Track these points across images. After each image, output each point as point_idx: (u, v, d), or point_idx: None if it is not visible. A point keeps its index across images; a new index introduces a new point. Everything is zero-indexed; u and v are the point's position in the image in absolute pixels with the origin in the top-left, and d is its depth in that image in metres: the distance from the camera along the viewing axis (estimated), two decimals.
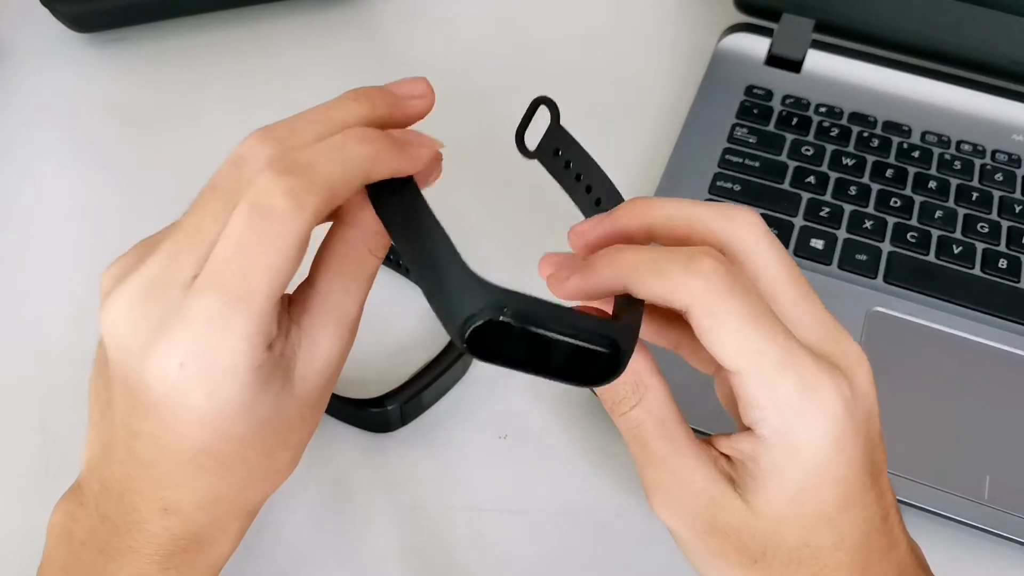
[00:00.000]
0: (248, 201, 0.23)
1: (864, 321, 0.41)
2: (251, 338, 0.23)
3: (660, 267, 0.24)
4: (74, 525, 0.27)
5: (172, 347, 0.23)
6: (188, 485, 0.25)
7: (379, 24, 0.58)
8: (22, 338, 0.42)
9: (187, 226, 0.25)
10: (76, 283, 0.44)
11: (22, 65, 0.54)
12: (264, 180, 0.23)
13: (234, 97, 0.53)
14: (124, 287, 0.24)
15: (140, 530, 0.26)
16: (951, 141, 0.49)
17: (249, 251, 0.23)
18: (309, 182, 0.23)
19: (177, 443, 0.24)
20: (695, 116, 0.50)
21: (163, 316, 0.23)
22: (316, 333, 0.26)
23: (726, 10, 0.56)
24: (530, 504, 0.37)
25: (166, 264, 0.24)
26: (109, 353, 0.25)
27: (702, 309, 0.23)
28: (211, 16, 0.57)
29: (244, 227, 0.23)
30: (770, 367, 0.23)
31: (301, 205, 0.23)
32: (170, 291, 0.24)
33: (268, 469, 0.27)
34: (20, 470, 0.38)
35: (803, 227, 0.45)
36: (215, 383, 0.23)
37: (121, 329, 0.24)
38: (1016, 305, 0.42)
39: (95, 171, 0.49)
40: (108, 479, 0.26)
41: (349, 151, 0.24)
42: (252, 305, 0.23)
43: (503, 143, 0.52)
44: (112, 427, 0.26)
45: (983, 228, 0.45)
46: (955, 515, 0.36)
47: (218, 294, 0.23)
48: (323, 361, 0.26)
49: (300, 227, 0.23)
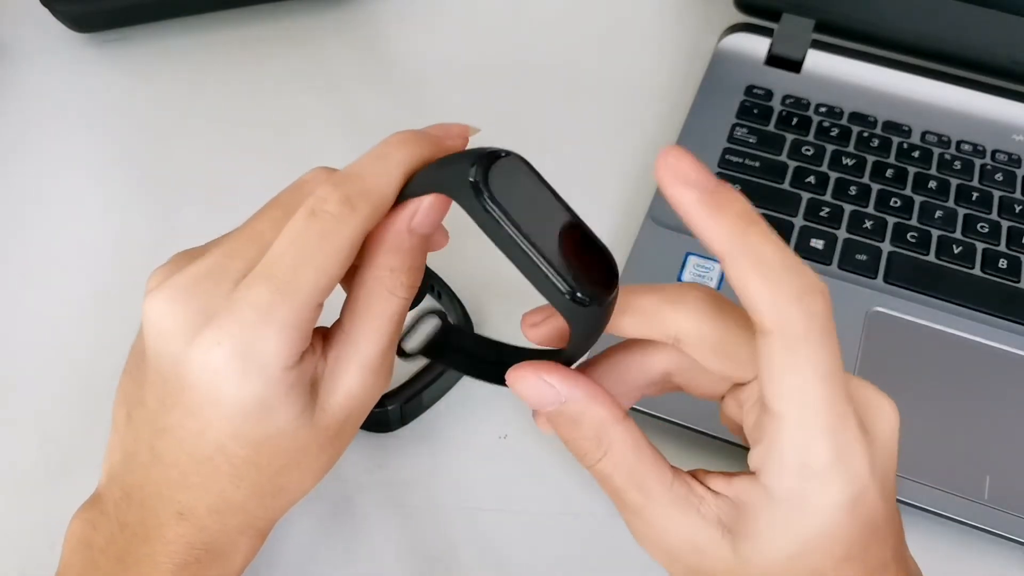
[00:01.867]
0: (308, 206, 0.25)
1: (864, 321, 0.41)
2: (289, 331, 0.24)
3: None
4: (93, 533, 0.27)
5: (216, 334, 0.24)
6: (203, 487, 0.26)
7: (378, 25, 0.58)
8: (21, 338, 0.42)
9: (245, 229, 0.27)
10: (75, 282, 0.44)
11: (22, 65, 0.54)
12: (322, 188, 0.25)
13: (233, 97, 0.53)
14: (175, 279, 0.25)
15: (157, 537, 0.26)
16: (951, 141, 0.49)
17: (303, 247, 0.24)
18: (361, 189, 0.25)
19: (198, 437, 0.25)
20: (695, 116, 0.50)
21: (211, 306, 0.25)
22: (338, 369, 0.27)
23: (726, 10, 0.56)
24: (530, 504, 0.37)
25: (220, 260, 0.26)
26: (150, 344, 0.26)
27: (785, 343, 0.22)
28: (211, 16, 0.57)
29: (301, 227, 0.25)
30: (815, 425, 0.22)
31: (354, 209, 0.25)
32: (221, 284, 0.25)
33: (278, 485, 0.27)
34: (20, 470, 0.38)
35: (803, 227, 0.45)
36: (247, 373, 0.24)
37: (167, 318, 0.25)
38: (1016, 305, 0.42)
39: (95, 171, 0.49)
40: (129, 485, 0.27)
41: (391, 156, 0.26)
42: (297, 297, 0.24)
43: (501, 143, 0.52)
44: (138, 429, 0.27)
45: (983, 228, 0.45)
46: (955, 515, 0.35)
47: (268, 284, 0.24)
48: (343, 396, 0.27)
49: (353, 229, 0.25)
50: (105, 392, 0.40)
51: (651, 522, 0.25)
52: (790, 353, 0.22)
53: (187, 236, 0.46)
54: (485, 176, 0.23)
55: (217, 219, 0.47)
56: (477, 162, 0.23)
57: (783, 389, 0.22)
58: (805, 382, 0.22)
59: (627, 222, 0.47)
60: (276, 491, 0.27)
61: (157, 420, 0.26)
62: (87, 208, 0.47)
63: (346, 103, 0.53)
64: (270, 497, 0.27)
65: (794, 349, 0.22)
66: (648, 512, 0.25)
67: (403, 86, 0.54)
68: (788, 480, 0.23)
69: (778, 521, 0.23)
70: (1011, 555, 0.36)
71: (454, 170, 0.23)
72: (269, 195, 0.29)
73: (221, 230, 0.46)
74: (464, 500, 0.37)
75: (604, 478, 0.25)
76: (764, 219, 0.23)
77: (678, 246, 0.44)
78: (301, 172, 0.51)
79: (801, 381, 0.22)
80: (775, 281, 0.22)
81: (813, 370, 0.22)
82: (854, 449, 0.23)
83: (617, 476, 0.25)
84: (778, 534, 0.23)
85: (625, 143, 0.51)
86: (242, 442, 0.25)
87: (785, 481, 0.23)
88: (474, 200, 0.22)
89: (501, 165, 0.23)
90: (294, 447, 0.26)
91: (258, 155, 0.50)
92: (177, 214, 0.47)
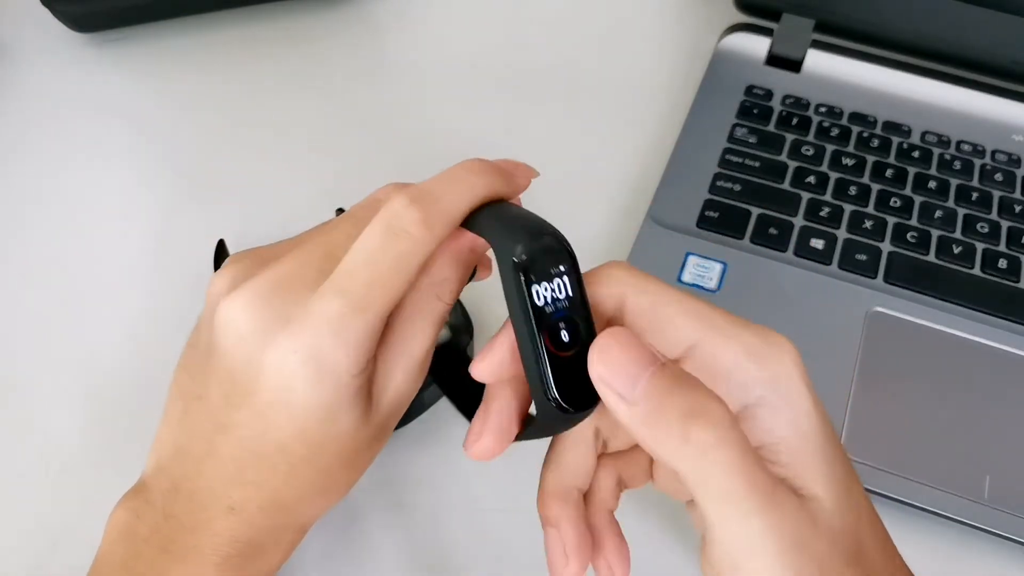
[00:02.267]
0: (384, 221, 0.25)
1: (864, 321, 0.41)
2: (360, 345, 0.25)
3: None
4: (138, 522, 0.28)
5: (292, 341, 0.25)
6: (256, 485, 0.27)
7: (377, 25, 0.58)
8: (21, 337, 0.42)
9: (318, 239, 0.28)
10: (73, 282, 0.44)
11: (22, 65, 0.54)
12: (400, 206, 0.25)
13: (233, 96, 0.53)
14: (253, 284, 0.26)
15: (204, 529, 0.27)
16: (951, 141, 0.49)
17: (378, 266, 0.25)
18: (439, 212, 0.26)
19: (262, 435, 0.26)
20: (695, 116, 0.51)
21: (288, 312, 0.26)
22: (389, 368, 0.27)
23: (726, 10, 0.56)
24: (530, 504, 0.37)
25: (295, 268, 0.27)
26: (223, 343, 0.27)
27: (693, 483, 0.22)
28: (211, 16, 0.57)
29: (378, 245, 0.25)
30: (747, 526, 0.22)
31: (431, 232, 0.25)
32: (298, 292, 0.26)
33: (327, 485, 0.28)
34: (20, 470, 0.38)
35: (803, 227, 0.45)
36: (319, 380, 0.25)
37: (245, 321, 0.26)
38: (1016, 305, 0.42)
39: (95, 170, 0.49)
40: (179, 477, 0.28)
41: (468, 182, 0.27)
42: (368, 315, 0.25)
43: (502, 143, 0.52)
44: (195, 423, 0.28)
45: (983, 228, 0.45)
46: (955, 515, 0.35)
47: (342, 299, 0.25)
48: (394, 393, 0.28)
49: (427, 252, 0.26)
50: (105, 391, 0.40)
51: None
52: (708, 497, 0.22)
53: (187, 235, 0.46)
54: (527, 263, 0.23)
55: (217, 218, 0.47)
56: (527, 244, 0.24)
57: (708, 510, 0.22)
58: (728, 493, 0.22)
59: (627, 222, 0.47)
60: (324, 490, 0.28)
61: (219, 416, 0.27)
62: (87, 208, 0.47)
63: (346, 103, 0.53)
64: (318, 496, 0.28)
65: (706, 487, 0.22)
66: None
67: (403, 86, 0.54)
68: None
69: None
70: (1011, 555, 0.36)
71: (507, 241, 0.24)
72: (269, 194, 0.29)
73: (221, 229, 0.47)
74: (464, 500, 0.37)
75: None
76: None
77: (678, 246, 0.44)
78: (301, 172, 0.51)
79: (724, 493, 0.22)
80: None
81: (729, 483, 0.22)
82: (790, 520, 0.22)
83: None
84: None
85: (625, 143, 0.51)
86: (304, 444, 0.26)
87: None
88: (511, 279, 0.24)
89: (549, 249, 0.24)
90: (351, 447, 0.27)
91: (258, 154, 0.50)
92: (177, 213, 0.47)
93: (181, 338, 0.42)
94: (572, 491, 0.27)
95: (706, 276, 0.43)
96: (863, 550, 0.23)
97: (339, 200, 0.45)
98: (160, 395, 0.40)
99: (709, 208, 0.45)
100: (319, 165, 0.49)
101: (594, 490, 0.28)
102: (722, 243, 0.44)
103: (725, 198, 0.46)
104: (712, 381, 0.24)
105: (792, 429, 0.23)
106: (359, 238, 0.26)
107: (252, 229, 0.46)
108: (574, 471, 0.27)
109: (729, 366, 0.24)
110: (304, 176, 0.49)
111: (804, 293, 0.42)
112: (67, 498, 0.37)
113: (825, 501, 0.23)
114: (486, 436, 0.26)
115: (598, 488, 0.28)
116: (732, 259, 0.43)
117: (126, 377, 0.40)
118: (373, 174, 0.49)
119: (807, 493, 0.23)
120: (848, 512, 0.23)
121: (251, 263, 0.28)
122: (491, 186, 0.27)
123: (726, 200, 0.46)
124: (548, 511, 0.27)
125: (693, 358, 0.24)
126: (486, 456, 0.26)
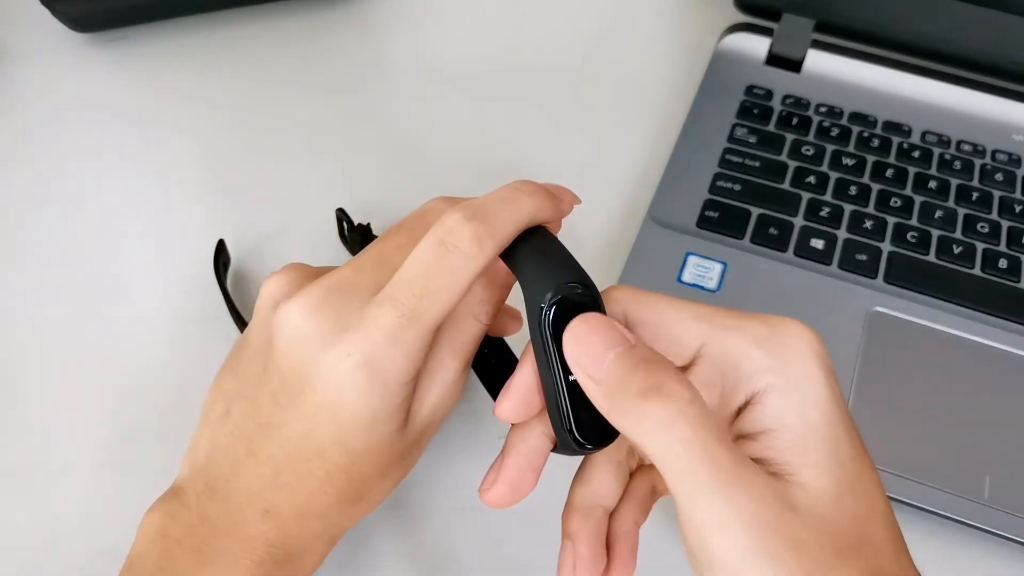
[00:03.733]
0: (438, 235, 0.26)
1: (864, 321, 0.41)
2: (411, 355, 0.26)
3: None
4: (172, 524, 0.28)
5: (347, 346, 0.26)
6: (292, 488, 0.27)
7: (377, 25, 0.58)
8: (21, 337, 0.42)
9: (372, 250, 0.29)
10: (72, 282, 0.44)
11: (22, 65, 0.54)
12: (454, 221, 0.26)
13: (233, 97, 0.53)
14: (309, 288, 0.27)
15: (239, 533, 0.27)
16: (951, 141, 0.49)
17: (431, 279, 0.26)
18: (491, 229, 0.26)
19: (304, 437, 0.27)
20: (695, 116, 0.51)
21: (344, 318, 0.26)
22: (425, 385, 0.28)
23: (726, 10, 0.56)
24: (530, 503, 0.37)
25: (352, 275, 0.28)
26: (280, 345, 0.27)
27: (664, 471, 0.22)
28: (211, 16, 0.57)
29: (431, 258, 0.26)
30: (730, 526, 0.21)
31: (483, 249, 0.26)
32: (354, 298, 0.27)
33: (359, 494, 0.28)
34: (20, 470, 0.38)
35: (803, 227, 0.45)
36: (369, 387, 0.26)
37: (304, 324, 0.27)
38: (1016, 305, 0.42)
39: (94, 170, 0.49)
40: (215, 478, 0.28)
41: (520, 203, 0.27)
42: (420, 326, 0.26)
43: (502, 143, 0.52)
44: (236, 424, 0.28)
45: (983, 228, 0.45)
46: (955, 515, 0.35)
47: (395, 309, 0.26)
48: (429, 409, 0.28)
49: (479, 268, 0.26)
50: (105, 390, 0.40)
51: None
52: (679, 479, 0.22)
53: (187, 235, 0.46)
54: (552, 309, 0.24)
55: (217, 218, 0.47)
56: (556, 290, 0.25)
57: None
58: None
59: (627, 222, 0.47)
60: (357, 499, 0.28)
61: (263, 415, 0.27)
62: (86, 208, 0.47)
63: (346, 103, 0.53)
64: (351, 505, 0.28)
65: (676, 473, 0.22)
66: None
67: (403, 86, 0.54)
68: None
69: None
70: (1011, 555, 0.36)
71: (538, 283, 0.25)
72: (269, 194, 0.29)
73: (221, 229, 0.47)
74: (464, 500, 0.37)
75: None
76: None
77: (678, 246, 0.44)
78: (301, 172, 0.51)
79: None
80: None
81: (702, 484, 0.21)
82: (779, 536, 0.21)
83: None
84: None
85: (625, 143, 0.51)
86: (343, 450, 0.27)
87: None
88: (535, 325, 0.25)
89: (577, 298, 0.25)
90: (386, 459, 0.28)
91: (258, 154, 0.50)
92: (177, 213, 0.47)
93: (180, 337, 0.42)
94: (596, 508, 0.28)
95: (706, 276, 0.43)
96: (866, 542, 0.22)
97: (339, 200, 0.45)
98: (159, 394, 0.40)
99: (709, 208, 0.45)
100: (319, 165, 0.49)
101: (627, 498, 0.28)
102: (722, 243, 0.44)
103: (725, 198, 0.46)
104: (723, 375, 0.24)
105: (796, 415, 0.23)
106: (415, 250, 0.26)
107: (252, 229, 0.46)
108: (602, 490, 0.28)
109: (738, 357, 0.24)
110: (304, 176, 0.49)
111: (804, 293, 0.42)
112: (67, 498, 0.37)
113: (812, 487, 0.22)
114: (499, 486, 0.26)
115: (631, 495, 0.28)
116: (732, 259, 0.43)
117: (125, 376, 0.40)
118: (373, 174, 0.49)
119: (793, 479, 0.23)
120: (848, 502, 0.22)
121: (306, 271, 0.29)
122: (540, 209, 0.27)
123: (726, 200, 0.46)
124: (569, 525, 0.27)
125: (704, 358, 0.25)
126: (502, 505, 0.26)
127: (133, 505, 0.31)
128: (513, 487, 0.26)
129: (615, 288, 0.26)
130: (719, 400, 0.25)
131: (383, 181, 0.49)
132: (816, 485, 0.22)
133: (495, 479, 0.26)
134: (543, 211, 0.28)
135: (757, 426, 0.24)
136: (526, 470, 0.26)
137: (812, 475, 0.22)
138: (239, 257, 0.45)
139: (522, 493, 0.26)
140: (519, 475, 0.26)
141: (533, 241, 0.27)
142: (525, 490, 0.26)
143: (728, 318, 0.25)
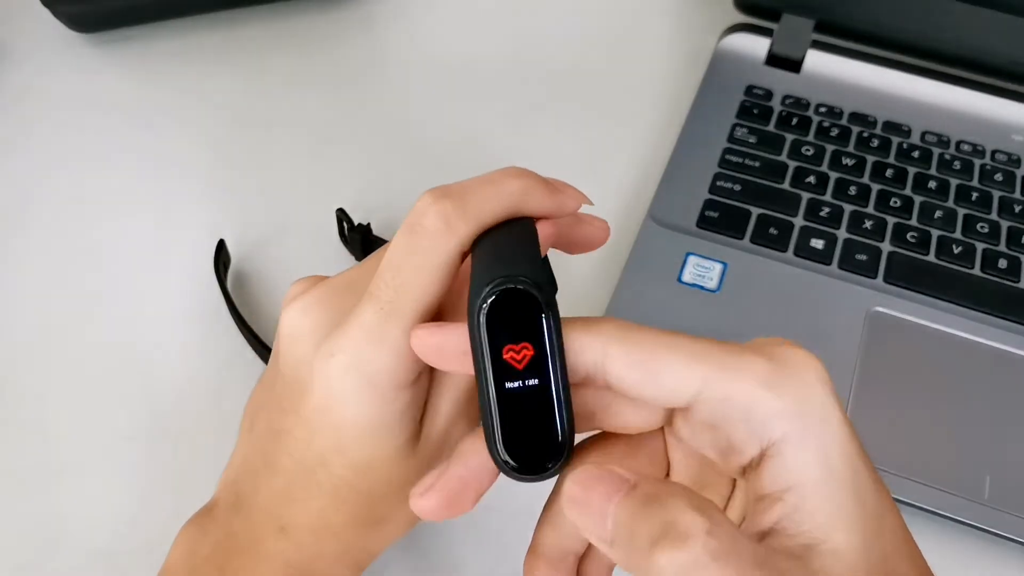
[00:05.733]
0: (408, 221, 0.25)
1: (864, 321, 0.41)
2: (398, 353, 0.24)
3: None
4: (202, 539, 0.27)
5: (332, 344, 0.25)
6: (304, 503, 0.26)
7: (377, 25, 0.58)
8: (20, 337, 0.42)
9: (382, 250, 0.28)
10: (71, 282, 0.44)
11: (22, 65, 0.54)
12: (422, 204, 0.24)
13: (233, 97, 0.53)
14: (313, 291, 0.27)
15: (257, 550, 0.26)
16: (951, 141, 0.49)
17: (400, 268, 0.24)
18: (462, 208, 0.24)
19: (308, 443, 0.26)
20: (695, 116, 0.51)
21: (338, 318, 0.25)
22: (436, 394, 0.27)
23: (726, 10, 0.56)
24: (530, 503, 0.37)
25: (353, 276, 0.27)
26: (282, 347, 0.27)
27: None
28: (211, 16, 0.57)
29: (399, 244, 0.25)
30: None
31: (451, 228, 0.24)
32: (349, 299, 0.26)
33: (378, 515, 0.27)
34: (20, 470, 0.38)
35: (803, 227, 0.45)
36: (358, 390, 0.25)
37: (299, 324, 0.26)
38: (1016, 305, 0.42)
39: (94, 170, 0.49)
40: (241, 492, 0.27)
41: (502, 184, 0.25)
42: (400, 319, 0.24)
43: (502, 143, 0.52)
44: (258, 434, 0.28)
45: (983, 228, 0.45)
46: (955, 515, 0.35)
47: (373, 304, 0.25)
48: (443, 421, 0.27)
49: (447, 248, 0.24)
50: (105, 390, 0.40)
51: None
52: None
53: (187, 235, 0.46)
54: (492, 310, 0.21)
55: (217, 218, 0.47)
56: (493, 288, 0.21)
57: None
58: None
59: (627, 222, 0.47)
60: (376, 521, 0.27)
61: (274, 422, 0.27)
62: (86, 208, 0.47)
63: (346, 103, 0.53)
64: (370, 526, 0.27)
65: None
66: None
67: (403, 86, 0.54)
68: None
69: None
70: (1011, 555, 0.36)
71: (479, 280, 0.22)
72: (269, 194, 0.29)
73: (220, 229, 0.47)
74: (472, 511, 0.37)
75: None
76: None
77: (678, 246, 0.44)
78: (301, 172, 0.51)
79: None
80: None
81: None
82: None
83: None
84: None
85: (625, 143, 0.51)
86: (344, 461, 0.26)
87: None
88: (471, 322, 0.22)
89: (522, 299, 0.21)
90: (398, 476, 0.26)
91: (258, 154, 0.50)
92: (177, 213, 0.47)
93: (178, 338, 0.42)
94: (568, 556, 0.25)
95: (706, 276, 0.43)
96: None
97: (339, 200, 0.45)
98: (159, 394, 0.40)
99: (709, 208, 0.45)
100: (319, 165, 0.49)
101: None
102: (722, 243, 0.44)
103: (725, 198, 0.46)
104: (729, 426, 0.22)
105: (819, 465, 0.21)
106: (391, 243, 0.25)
107: (252, 229, 0.46)
108: (575, 532, 0.24)
109: (745, 404, 0.21)
110: (304, 176, 0.49)
111: (804, 293, 0.42)
112: (67, 498, 0.37)
113: (844, 552, 0.20)
114: (434, 495, 0.23)
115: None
116: (732, 259, 0.43)
117: (125, 376, 0.40)
118: (373, 174, 0.49)
119: (826, 547, 0.21)
120: (876, 546, 0.21)
121: (327, 278, 0.28)
122: (526, 194, 0.25)
123: (726, 200, 0.46)
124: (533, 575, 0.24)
125: (702, 404, 0.22)
126: (431, 517, 0.23)
127: (133, 505, 0.31)
128: (448, 500, 0.23)
129: (602, 320, 0.23)
130: (725, 444, 0.22)
131: (383, 181, 0.49)
132: (848, 548, 0.21)
133: (431, 485, 0.23)
134: (532, 199, 0.25)
135: (779, 484, 0.21)
136: (468, 486, 0.23)
137: (844, 539, 0.21)
138: (239, 257, 0.45)
139: (456, 510, 0.23)
140: (459, 489, 0.23)
141: (504, 230, 0.25)
142: (461, 508, 0.23)
143: (728, 356, 0.22)
